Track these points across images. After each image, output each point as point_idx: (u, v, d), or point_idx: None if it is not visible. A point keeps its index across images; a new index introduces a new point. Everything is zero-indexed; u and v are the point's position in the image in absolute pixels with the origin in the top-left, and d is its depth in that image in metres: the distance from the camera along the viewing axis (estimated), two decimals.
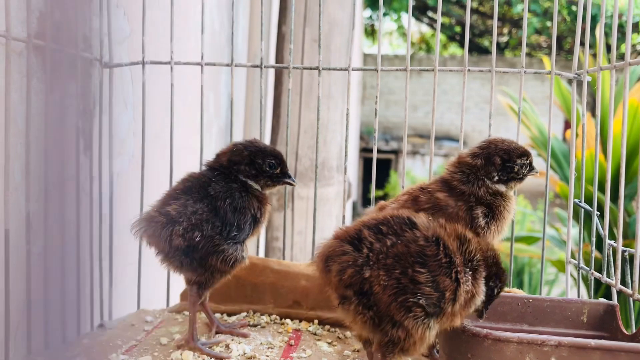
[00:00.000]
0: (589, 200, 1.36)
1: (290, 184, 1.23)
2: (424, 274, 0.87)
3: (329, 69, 1.41)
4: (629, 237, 3.44)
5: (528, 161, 1.17)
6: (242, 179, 1.17)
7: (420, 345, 0.90)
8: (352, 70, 1.39)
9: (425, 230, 0.91)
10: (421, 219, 0.93)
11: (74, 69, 1.27)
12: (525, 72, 1.35)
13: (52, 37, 1.18)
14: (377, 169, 1.42)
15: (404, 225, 0.92)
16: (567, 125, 9.64)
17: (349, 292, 0.89)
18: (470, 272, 0.91)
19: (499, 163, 1.13)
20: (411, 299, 0.86)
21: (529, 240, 4.79)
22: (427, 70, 1.40)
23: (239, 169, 1.18)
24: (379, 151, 10.85)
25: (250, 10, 3.13)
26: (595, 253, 1.33)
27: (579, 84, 1.36)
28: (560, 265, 4.25)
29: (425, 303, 0.87)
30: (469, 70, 1.35)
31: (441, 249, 0.89)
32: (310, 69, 1.42)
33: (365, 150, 11.12)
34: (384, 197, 8.31)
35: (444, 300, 0.88)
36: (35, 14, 1.16)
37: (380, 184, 9.64)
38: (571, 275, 3.59)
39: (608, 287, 1.22)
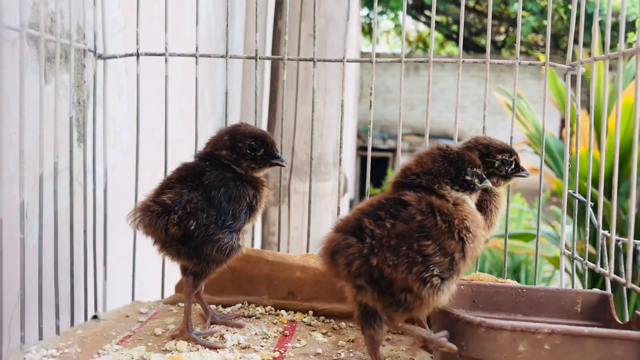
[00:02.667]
0: (583, 195, 1.36)
1: (278, 164, 1.20)
2: (430, 246, 0.89)
3: (324, 61, 1.41)
4: (625, 233, 3.46)
5: (512, 159, 1.17)
6: (225, 163, 1.16)
7: (432, 306, 0.92)
8: (347, 61, 1.39)
9: (418, 203, 0.92)
10: (410, 195, 0.94)
11: (67, 60, 1.27)
12: (520, 63, 1.35)
13: (46, 27, 1.17)
14: (374, 167, 1.42)
15: (398, 204, 0.93)
16: (564, 123, 9.64)
17: (361, 281, 0.91)
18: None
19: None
20: (426, 273, 0.88)
21: (526, 237, 4.81)
22: (422, 61, 1.40)
23: (221, 154, 1.17)
24: (376, 149, 10.85)
25: (247, 6, 3.13)
26: (589, 246, 1.34)
27: (574, 78, 1.36)
28: (557, 263, 4.26)
29: (439, 271, 0.90)
30: (463, 61, 1.35)
31: (437, 216, 0.91)
32: (305, 60, 1.42)
33: (362, 149, 11.12)
34: None
35: (455, 261, 0.91)
36: (29, 3, 1.16)
37: (378, 183, 9.64)
38: (566, 270, 3.60)
39: (605, 280, 1.22)
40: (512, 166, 1.18)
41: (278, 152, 1.21)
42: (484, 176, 1.04)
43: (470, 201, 1.01)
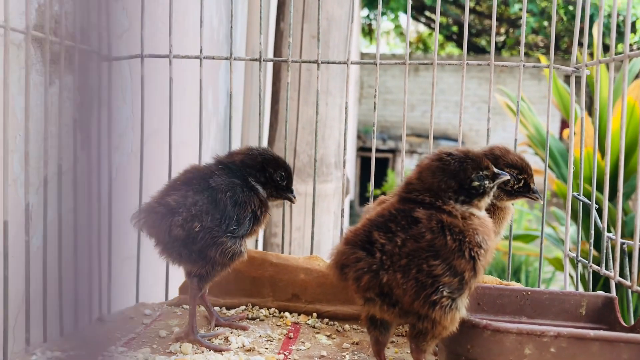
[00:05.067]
0: (587, 197, 1.36)
1: (290, 199, 1.26)
2: (439, 266, 0.87)
3: (328, 63, 1.41)
4: (626, 234, 3.45)
5: (520, 177, 1.15)
6: (252, 183, 1.19)
7: (452, 327, 0.91)
8: (351, 63, 1.39)
9: (428, 221, 0.90)
10: (420, 212, 0.92)
11: (72, 62, 1.27)
12: (524, 65, 1.35)
13: (50, 29, 1.17)
14: (374, 168, 1.41)
15: (409, 217, 0.91)
16: (564, 124, 9.66)
17: (370, 294, 0.90)
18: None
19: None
20: (434, 296, 0.87)
21: (526, 238, 4.80)
22: (426, 63, 1.40)
23: (250, 173, 1.19)
24: (376, 150, 10.85)
25: (249, 8, 3.13)
26: (593, 249, 1.34)
27: (578, 80, 1.36)
28: (558, 264, 4.26)
29: (448, 292, 0.88)
30: (467, 63, 1.35)
31: (448, 235, 0.89)
32: (309, 62, 1.42)
33: (362, 150, 11.13)
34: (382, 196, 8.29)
35: (465, 280, 0.89)
36: (34, 5, 1.16)
37: (378, 183, 9.65)
38: (570, 274, 3.60)
39: (606, 283, 1.22)
40: (520, 184, 1.16)
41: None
42: (497, 173, 0.99)
43: (477, 212, 0.96)
